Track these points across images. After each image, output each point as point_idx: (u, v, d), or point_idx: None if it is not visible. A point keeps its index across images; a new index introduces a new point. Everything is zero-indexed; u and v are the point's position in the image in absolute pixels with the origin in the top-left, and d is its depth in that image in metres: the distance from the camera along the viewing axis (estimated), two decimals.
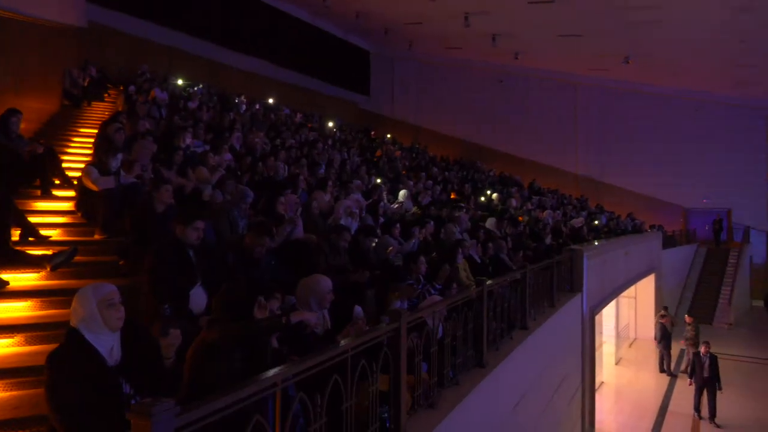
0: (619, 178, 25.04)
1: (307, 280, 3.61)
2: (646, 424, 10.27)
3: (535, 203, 16.08)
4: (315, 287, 3.53)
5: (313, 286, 3.54)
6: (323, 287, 3.53)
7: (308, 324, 3.08)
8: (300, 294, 3.55)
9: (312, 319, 3.11)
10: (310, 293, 3.51)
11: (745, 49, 16.70)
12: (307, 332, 3.12)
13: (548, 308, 7.03)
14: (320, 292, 3.50)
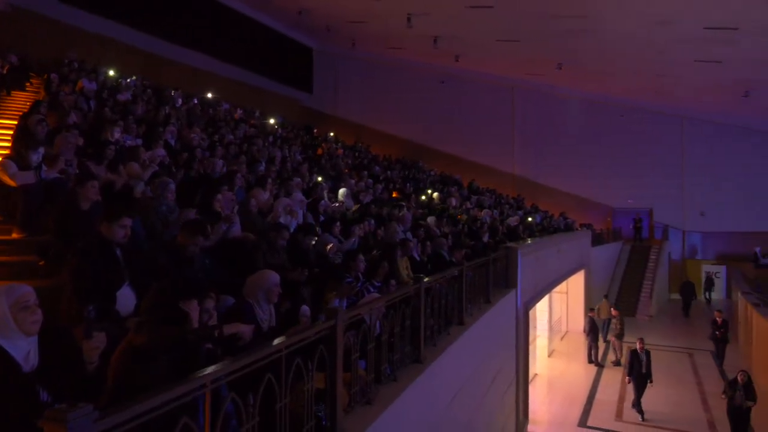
0: (553, 179, 26.16)
1: (254, 276, 3.68)
2: (576, 413, 10.80)
3: (474, 202, 16.51)
4: (262, 282, 3.59)
5: (260, 281, 3.60)
6: (271, 281, 3.60)
7: (242, 336, 3.03)
8: (248, 291, 3.58)
9: (246, 332, 3.08)
10: (258, 288, 3.58)
11: (663, 60, 17.87)
12: (239, 345, 3.07)
13: (484, 304, 7.24)
14: (267, 287, 3.56)
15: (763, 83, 17.75)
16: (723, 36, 14.39)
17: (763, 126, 24.18)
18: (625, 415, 10.75)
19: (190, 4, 19.77)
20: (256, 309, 3.40)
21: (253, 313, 3.37)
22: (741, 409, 8.88)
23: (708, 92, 20.91)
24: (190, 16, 19.75)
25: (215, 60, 21.21)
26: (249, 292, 3.52)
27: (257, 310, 3.41)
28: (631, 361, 10.95)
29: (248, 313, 3.38)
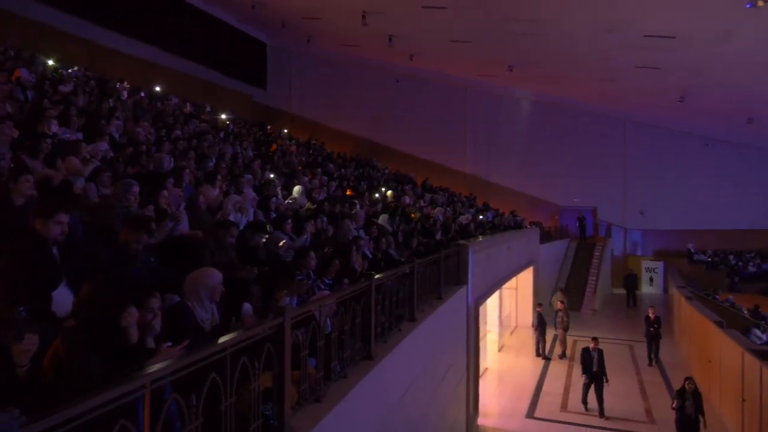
0: (504, 178, 26.84)
1: (196, 273, 3.54)
2: (524, 405, 11.13)
3: (428, 201, 16.71)
4: (205, 280, 3.47)
5: (203, 278, 3.48)
6: (213, 280, 3.48)
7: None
8: (189, 288, 3.45)
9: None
10: (201, 286, 3.44)
11: (607, 65, 18.64)
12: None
13: (436, 300, 7.36)
14: (210, 285, 3.44)
15: (698, 89, 18.79)
16: (661, 44, 15.14)
17: (698, 130, 25.65)
18: (570, 405, 11.16)
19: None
20: (196, 309, 3.30)
21: (192, 315, 3.27)
22: (691, 419, 8.55)
23: (648, 97, 21.94)
24: (138, 5, 18.99)
25: (164, 52, 20.51)
26: (189, 291, 3.40)
27: (198, 311, 3.31)
28: (584, 360, 10.88)
29: (187, 315, 3.27)
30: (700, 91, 19.03)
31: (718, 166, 25.76)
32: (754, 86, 17.58)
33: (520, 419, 10.48)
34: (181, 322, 3.13)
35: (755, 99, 18.93)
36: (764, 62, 15.26)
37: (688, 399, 8.52)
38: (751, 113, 20.40)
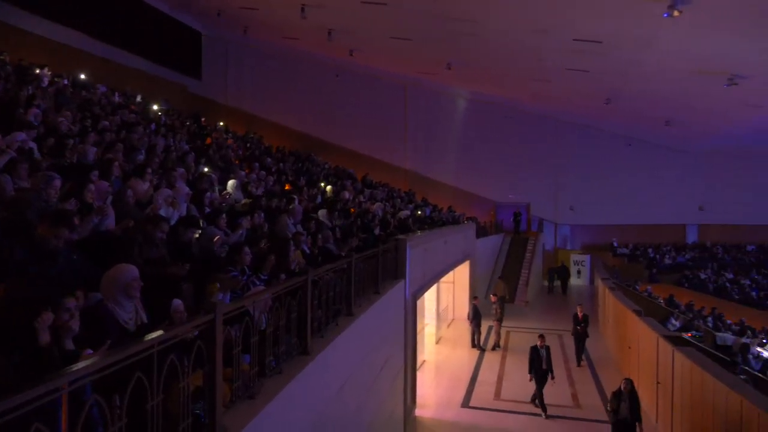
0: (442, 174, 27.42)
1: (110, 272, 3.35)
2: (459, 394, 11.47)
3: (367, 196, 16.79)
4: (119, 277, 3.27)
5: (117, 276, 3.28)
6: (128, 275, 3.28)
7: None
8: (105, 289, 3.28)
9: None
10: (115, 284, 3.25)
11: (540, 66, 19.41)
12: None
13: (373, 295, 7.43)
14: (123, 282, 3.24)
15: (622, 92, 19.94)
16: (589, 48, 15.93)
17: (623, 131, 27.25)
18: (503, 394, 11.60)
19: None
20: (116, 310, 3.15)
21: (112, 315, 3.13)
22: (626, 422, 8.19)
23: (578, 98, 23.05)
24: None
25: (91, 38, 19.37)
26: (106, 291, 3.21)
27: (117, 311, 3.16)
28: (532, 358, 10.62)
29: (107, 316, 3.10)
30: (625, 95, 20.20)
31: (639, 165, 27.52)
32: (672, 92, 18.88)
33: (455, 409, 10.78)
34: (101, 323, 2.98)
35: (672, 103, 20.32)
36: (680, 70, 16.41)
37: (623, 401, 8.11)
38: (669, 116, 21.89)
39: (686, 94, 18.65)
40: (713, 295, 22.11)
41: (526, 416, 10.36)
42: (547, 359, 10.64)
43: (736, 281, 23.39)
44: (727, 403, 6.84)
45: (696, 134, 24.74)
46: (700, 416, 7.74)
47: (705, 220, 27.47)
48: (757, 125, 21.06)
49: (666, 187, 27.32)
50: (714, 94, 17.48)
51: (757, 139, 24.21)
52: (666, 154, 27.73)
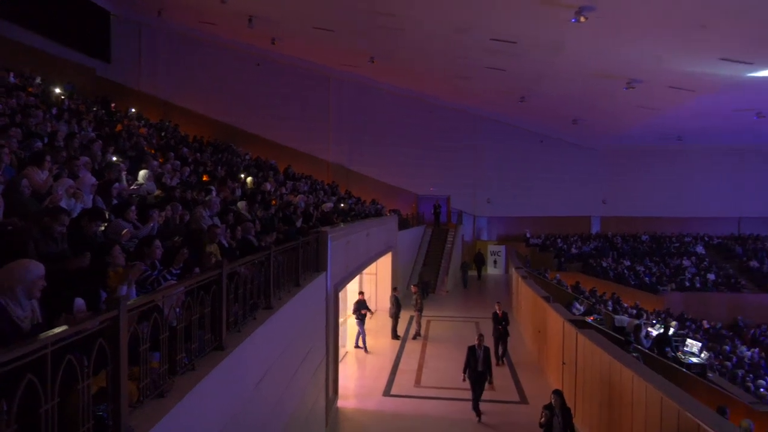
0: (366, 167, 27.60)
1: (12, 265, 3.02)
2: (381, 384, 11.67)
3: (290, 188, 16.57)
4: (21, 273, 2.97)
5: (19, 272, 2.97)
6: (32, 274, 2.99)
7: None
8: (3, 282, 2.99)
9: None
10: (15, 281, 2.95)
11: (461, 64, 20.02)
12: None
13: (294, 287, 7.38)
14: (28, 280, 2.97)
15: (535, 92, 21.04)
16: (505, 48, 16.64)
17: (536, 128, 28.77)
18: (423, 381, 11.95)
19: None
20: (10, 306, 2.91)
21: (5, 311, 2.89)
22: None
23: (496, 95, 24.02)
24: None
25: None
26: (4, 287, 2.99)
27: (12, 307, 2.92)
28: (468, 358, 9.90)
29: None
30: (537, 94, 21.33)
31: (551, 161, 29.23)
32: (579, 93, 20.18)
33: (377, 398, 10.96)
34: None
35: (579, 104, 21.73)
36: (586, 73, 17.58)
37: (556, 415, 7.63)
38: (576, 116, 23.39)
39: (591, 95, 20.01)
40: (613, 281, 24.01)
41: (445, 401, 10.74)
42: (485, 361, 9.87)
43: (632, 268, 25.53)
44: (621, 378, 7.50)
45: (599, 133, 26.65)
46: (600, 391, 8.42)
47: (607, 212, 29.73)
48: (651, 126, 23.02)
49: (574, 182, 29.23)
50: (615, 96, 18.88)
51: (650, 138, 26.49)
52: (573, 151, 29.62)
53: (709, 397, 10.58)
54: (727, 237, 28.81)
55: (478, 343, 10.07)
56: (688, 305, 22.26)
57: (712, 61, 14.21)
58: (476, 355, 9.89)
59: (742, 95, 17.03)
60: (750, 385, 13.72)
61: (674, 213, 29.19)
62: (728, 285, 24.30)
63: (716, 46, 13.28)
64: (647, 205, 29.21)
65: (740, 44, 12.88)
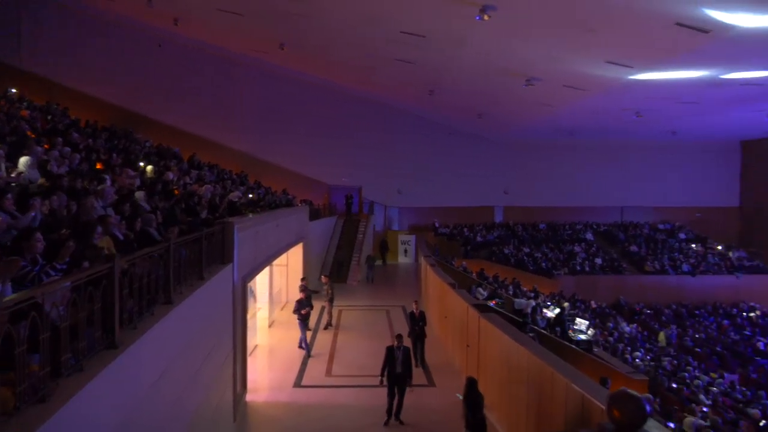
0: (277, 157, 27.07)
1: None
2: (292, 375, 11.60)
3: (194, 177, 15.85)
4: None
5: None
6: None
7: None
8: None
9: None
10: None
11: (371, 55, 20.14)
12: None
13: (197, 281, 7.11)
14: None
15: (443, 85, 21.68)
16: (414, 41, 16.96)
17: (444, 120, 29.72)
18: (334, 371, 12.04)
19: None
20: None
21: None
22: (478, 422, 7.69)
23: (405, 88, 24.45)
24: None
25: None
26: None
27: None
28: (386, 359, 9.25)
29: None
30: (445, 88, 22.00)
31: (458, 153, 30.38)
32: (483, 88, 21.08)
33: (288, 390, 10.90)
34: None
35: (483, 98, 22.71)
36: (489, 69, 18.39)
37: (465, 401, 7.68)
38: (481, 110, 24.44)
39: (494, 90, 20.99)
40: (514, 267, 25.54)
41: (356, 389, 10.90)
42: (404, 362, 9.25)
43: (531, 255, 27.31)
44: (518, 356, 8.04)
45: (502, 127, 28.07)
46: (500, 370, 8.97)
47: (509, 202, 31.48)
48: (548, 121, 24.63)
49: (479, 174, 30.61)
50: (516, 92, 19.96)
51: (547, 133, 28.35)
52: (479, 144, 30.98)
53: (594, 370, 11.64)
54: (611, 224, 31.64)
55: (397, 343, 9.49)
56: (579, 287, 24.24)
57: (600, 64, 15.44)
58: (395, 356, 9.26)
59: (625, 96, 18.70)
60: (628, 356, 15.25)
61: (568, 203, 31.55)
62: (612, 268, 26.75)
63: (603, 50, 14.45)
64: (545, 196, 31.31)
65: (623, 49, 14.12)
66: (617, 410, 1.75)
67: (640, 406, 1.73)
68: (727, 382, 14.64)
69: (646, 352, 16.64)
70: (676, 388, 12.86)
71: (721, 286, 25.52)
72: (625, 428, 1.74)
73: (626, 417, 1.73)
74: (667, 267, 26.63)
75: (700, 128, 26.24)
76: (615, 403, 1.77)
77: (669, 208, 31.80)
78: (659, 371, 14.40)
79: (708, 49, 12.59)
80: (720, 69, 14.83)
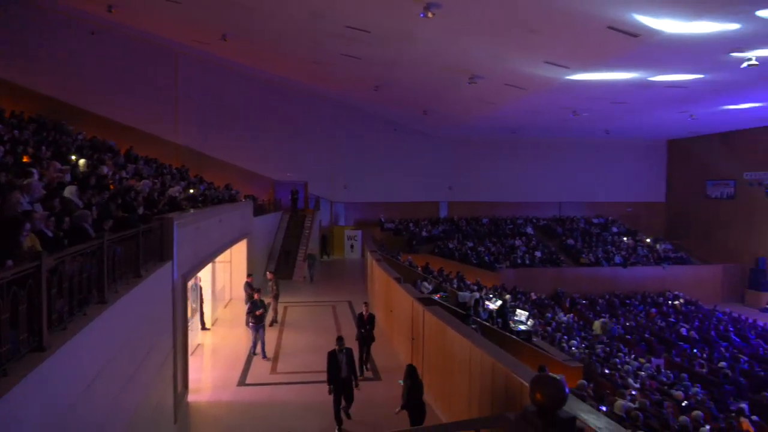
0: (220, 151, 26.38)
1: None
2: (236, 374, 11.40)
3: (131, 172, 15.19)
4: None
5: None
6: None
7: None
8: None
9: None
10: None
11: (317, 49, 19.95)
12: None
13: (134, 279, 6.86)
14: None
15: (389, 81, 21.80)
16: (360, 36, 16.95)
17: (390, 116, 29.89)
18: (279, 367, 11.91)
19: None
20: None
21: None
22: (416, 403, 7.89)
23: (351, 83, 24.40)
24: None
25: None
26: None
27: None
28: (330, 365, 8.76)
29: None
30: (391, 84, 22.12)
31: (403, 148, 30.67)
32: (428, 85, 21.36)
33: (232, 389, 10.70)
34: None
35: (428, 95, 23.02)
36: (434, 66, 18.66)
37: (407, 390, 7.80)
38: (426, 106, 24.76)
39: (439, 87, 21.31)
40: (458, 261, 26.13)
41: (301, 385, 10.84)
42: (349, 364, 8.89)
43: (474, 249, 28.02)
44: (461, 348, 8.26)
45: (447, 124, 28.55)
46: (443, 362, 9.17)
47: (453, 198, 32.12)
48: (491, 119, 25.29)
49: (425, 169, 31.04)
50: (460, 89, 20.36)
51: (490, 130, 29.12)
52: (424, 140, 31.40)
53: (533, 359, 12.13)
54: (550, 219, 32.95)
55: (339, 346, 8.95)
56: (519, 280, 25.12)
57: (539, 64, 16.01)
58: (338, 360, 8.79)
59: (563, 95, 19.49)
60: (565, 345, 15.97)
61: (510, 198, 32.55)
62: (551, 261, 27.88)
63: (542, 50, 14.99)
64: (488, 192, 32.17)
65: (561, 50, 14.70)
66: (539, 393, 1.87)
67: (560, 388, 1.86)
68: (653, 366, 15.60)
69: (581, 341, 17.46)
70: (608, 373, 13.59)
71: (649, 276, 27.19)
72: (547, 409, 1.86)
73: (547, 399, 1.85)
74: (601, 259, 28.04)
75: (631, 128, 27.74)
76: (537, 387, 1.89)
77: (603, 204, 33.45)
78: (593, 358, 15.16)
79: (637, 52, 13.33)
80: (648, 71, 15.73)
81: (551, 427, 1.84)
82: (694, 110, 21.67)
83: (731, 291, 27.26)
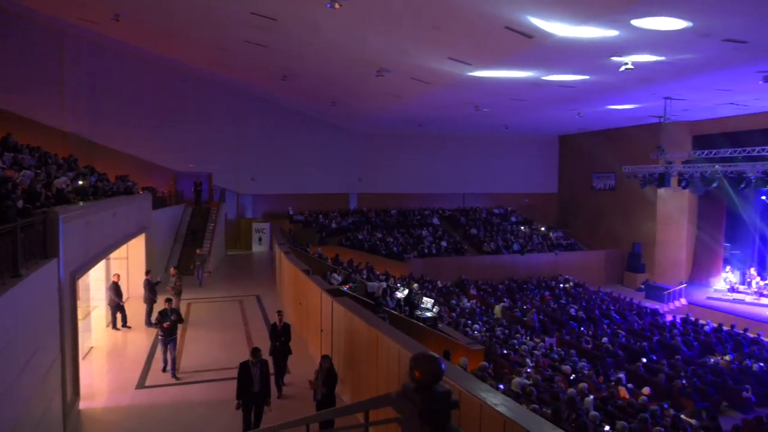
0: (114, 140, 24.59)
1: None
2: (135, 376, 10.78)
3: (9, 161, 13.71)
4: None
5: None
6: None
7: None
8: None
9: None
10: None
11: (221, 34, 19.16)
12: None
13: (12, 279, 6.25)
14: None
15: (297, 71, 21.47)
16: (266, 24, 16.51)
17: (298, 107, 29.46)
18: (182, 367, 11.42)
19: None
20: None
21: None
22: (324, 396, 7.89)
23: (257, 72, 23.72)
24: None
25: None
26: None
27: None
28: (241, 378, 7.93)
29: None
30: (299, 74, 21.80)
31: (312, 140, 30.44)
32: (336, 76, 21.32)
33: (130, 392, 10.11)
34: None
35: (337, 86, 22.99)
36: (342, 57, 18.65)
37: (318, 378, 7.82)
38: (334, 98, 24.72)
39: (347, 79, 21.36)
40: (368, 251, 26.49)
41: (205, 384, 10.49)
42: (262, 379, 8.02)
43: (383, 239, 28.54)
44: (369, 337, 8.42)
45: (356, 116, 28.72)
46: (353, 352, 9.30)
47: (363, 189, 32.45)
48: (399, 112, 25.80)
49: (334, 161, 31.05)
50: (368, 82, 20.54)
51: (398, 123, 29.70)
52: (333, 132, 31.37)
53: (439, 344, 12.66)
54: (455, 210, 34.36)
55: (253, 358, 8.05)
56: (427, 269, 25.99)
57: (443, 60, 16.57)
58: (251, 373, 7.95)
59: (465, 91, 20.33)
60: (468, 330, 16.82)
61: (417, 190, 33.49)
62: (455, 250, 29.11)
63: (446, 47, 15.52)
64: (396, 183, 32.85)
65: (463, 48, 15.32)
66: (417, 371, 2.00)
67: (437, 365, 2.00)
68: (546, 345, 16.90)
69: (483, 324, 18.47)
70: (506, 353, 14.53)
71: (543, 262, 29.30)
72: (425, 385, 2.00)
73: (424, 376, 1.99)
74: (501, 247, 29.73)
75: (528, 123, 29.60)
76: (415, 365, 2.02)
77: (502, 195, 35.45)
78: (493, 340, 16.12)
79: (532, 52, 14.24)
80: (542, 71, 16.86)
81: (429, 401, 1.98)
82: (581, 108, 23.57)
83: (612, 274, 30.12)
